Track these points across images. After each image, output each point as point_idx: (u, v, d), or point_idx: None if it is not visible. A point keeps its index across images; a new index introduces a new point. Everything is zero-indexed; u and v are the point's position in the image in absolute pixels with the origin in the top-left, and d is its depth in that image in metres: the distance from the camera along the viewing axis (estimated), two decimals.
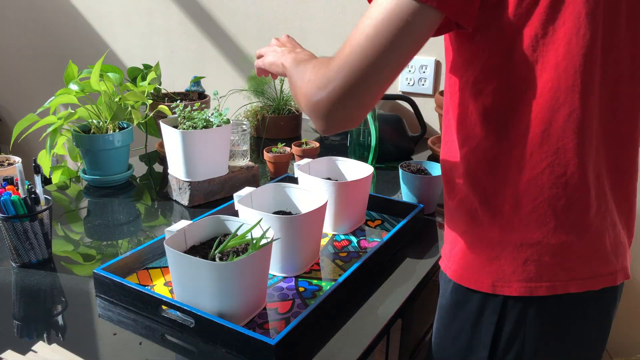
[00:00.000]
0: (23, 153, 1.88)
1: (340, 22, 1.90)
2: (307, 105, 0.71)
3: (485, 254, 0.76)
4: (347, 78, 0.66)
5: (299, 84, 0.75)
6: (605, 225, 0.75)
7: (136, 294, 0.87)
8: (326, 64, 0.70)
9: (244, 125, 1.39)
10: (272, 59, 0.95)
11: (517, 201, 0.72)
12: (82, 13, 2.52)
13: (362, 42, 0.65)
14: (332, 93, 0.67)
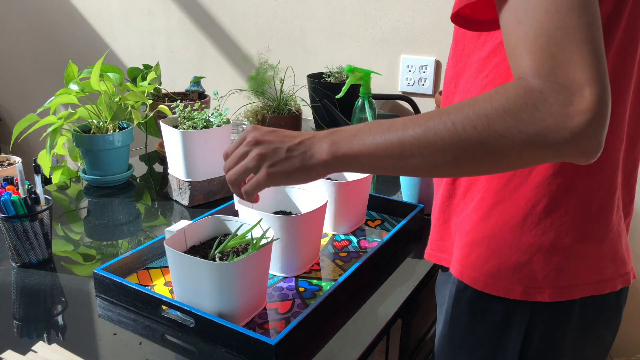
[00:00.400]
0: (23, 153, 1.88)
1: (340, 22, 1.90)
2: (575, 132, 0.54)
3: (514, 259, 0.73)
4: (592, 59, 0.55)
5: (506, 131, 0.56)
6: (621, 226, 0.76)
7: (136, 294, 0.87)
8: (523, 85, 0.56)
9: (244, 125, 1.39)
10: (281, 167, 0.69)
11: (553, 203, 0.71)
12: (82, 13, 2.52)
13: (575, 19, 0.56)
14: (595, 85, 0.54)
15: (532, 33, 0.57)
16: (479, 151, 0.58)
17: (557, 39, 0.55)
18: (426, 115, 0.61)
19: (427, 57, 1.78)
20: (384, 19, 1.80)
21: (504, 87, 0.58)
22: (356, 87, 1.52)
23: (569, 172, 0.70)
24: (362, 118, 1.43)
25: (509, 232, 0.73)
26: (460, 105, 0.59)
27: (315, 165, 0.67)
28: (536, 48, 0.56)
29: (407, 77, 1.82)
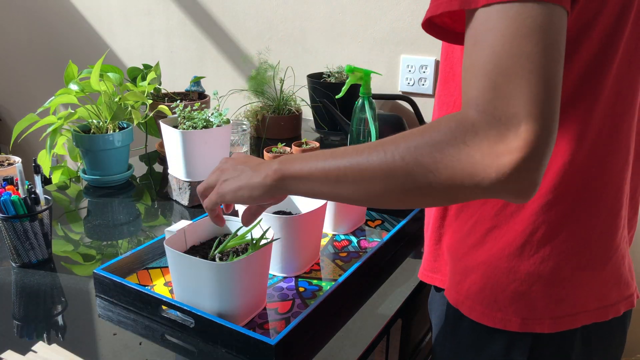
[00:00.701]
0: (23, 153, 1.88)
1: (340, 22, 1.90)
2: (502, 172, 0.51)
3: (511, 289, 0.69)
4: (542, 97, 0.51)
5: (425, 169, 0.54)
6: (624, 246, 0.73)
7: (136, 294, 0.87)
8: (457, 118, 0.53)
9: (244, 125, 1.39)
10: (239, 182, 0.72)
11: (551, 230, 0.67)
12: (82, 13, 2.52)
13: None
14: (534, 124, 0.50)
15: (482, 58, 0.53)
16: (407, 184, 0.55)
17: (505, 67, 0.51)
18: (369, 144, 0.60)
19: (427, 57, 1.78)
20: (384, 19, 1.80)
21: (444, 117, 0.55)
22: (356, 87, 1.52)
23: (570, 199, 0.67)
24: (362, 118, 1.43)
25: (505, 260, 0.69)
26: (400, 136, 0.57)
27: (260, 183, 0.69)
28: (482, 75, 0.52)
29: (407, 77, 1.82)
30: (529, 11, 0.51)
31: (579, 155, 0.65)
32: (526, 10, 0.51)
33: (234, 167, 0.74)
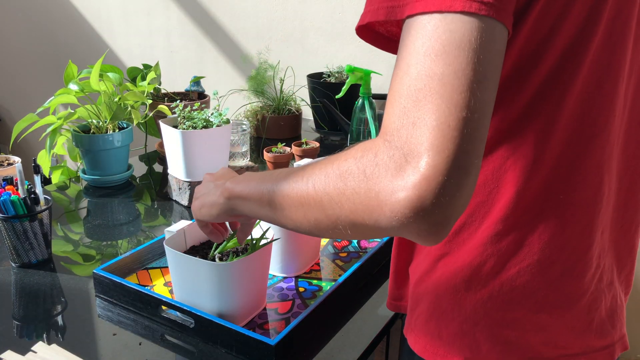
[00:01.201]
0: (23, 153, 1.87)
1: (340, 22, 1.90)
2: (396, 211, 0.46)
3: (455, 325, 0.61)
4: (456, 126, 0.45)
5: (335, 197, 0.50)
6: (601, 288, 0.62)
7: (136, 294, 0.87)
8: (366, 146, 0.49)
9: (244, 125, 1.39)
10: (202, 200, 0.73)
11: (501, 265, 0.59)
12: (82, 13, 2.52)
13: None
14: (441, 159, 0.44)
15: (397, 78, 0.48)
16: (319, 215, 0.52)
17: (415, 89, 0.46)
18: (301, 168, 0.57)
19: None
20: None
21: (360, 143, 0.51)
22: (356, 87, 1.52)
23: (523, 231, 0.58)
24: (362, 118, 1.43)
25: (451, 292, 0.61)
26: (323, 161, 0.54)
27: (215, 201, 0.70)
28: (395, 98, 0.47)
29: None
30: (446, 25, 0.45)
31: (534, 184, 0.57)
32: (444, 24, 0.46)
33: (206, 185, 0.74)
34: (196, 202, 0.75)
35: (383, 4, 0.50)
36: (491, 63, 0.46)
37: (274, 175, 0.60)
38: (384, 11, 0.50)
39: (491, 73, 0.46)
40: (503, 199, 0.58)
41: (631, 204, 0.65)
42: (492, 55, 0.46)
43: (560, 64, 0.54)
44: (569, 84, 0.55)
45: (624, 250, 0.66)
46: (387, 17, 0.50)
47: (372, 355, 0.87)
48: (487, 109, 0.46)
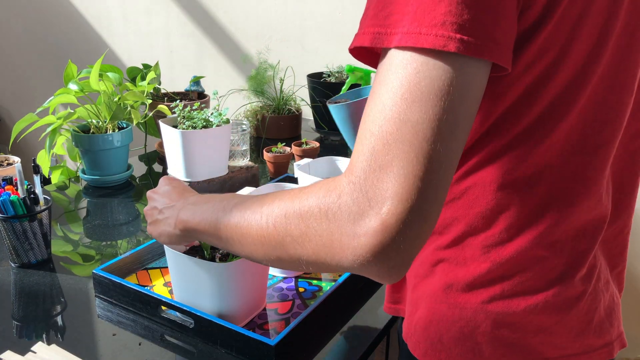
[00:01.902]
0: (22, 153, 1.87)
1: (340, 22, 1.89)
2: (357, 255, 0.46)
3: (456, 328, 0.60)
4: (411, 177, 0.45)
5: (294, 234, 0.51)
6: (599, 288, 0.63)
7: (135, 294, 0.87)
8: (330, 186, 0.49)
9: (244, 125, 1.39)
10: (159, 229, 0.74)
11: (502, 268, 0.59)
12: (82, 13, 2.52)
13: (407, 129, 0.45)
14: (397, 209, 0.44)
15: (371, 115, 0.47)
16: (282, 254, 0.53)
17: (386, 132, 0.45)
18: (255, 199, 0.57)
19: None
20: None
21: (322, 181, 0.51)
22: (356, 87, 1.52)
23: (525, 236, 0.58)
24: None
25: (451, 296, 0.61)
26: (279, 196, 0.54)
27: (172, 232, 0.72)
28: (365, 137, 0.47)
29: None
30: (429, 69, 0.45)
31: (536, 193, 0.57)
32: (427, 67, 0.45)
33: (160, 211, 0.74)
34: (153, 229, 0.76)
35: (369, 29, 0.49)
36: (468, 111, 0.46)
37: (228, 206, 0.60)
38: (369, 37, 0.49)
39: (466, 121, 0.46)
40: (505, 209, 0.57)
41: (623, 206, 0.65)
42: (471, 102, 0.46)
43: (570, 83, 0.54)
44: (576, 100, 0.55)
45: (615, 250, 0.66)
46: (372, 44, 0.48)
47: (372, 355, 0.87)
48: (455, 157, 0.47)
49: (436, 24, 0.44)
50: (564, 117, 0.55)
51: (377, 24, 0.48)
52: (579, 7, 0.51)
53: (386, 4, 0.48)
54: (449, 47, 0.44)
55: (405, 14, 0.46)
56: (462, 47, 0.44)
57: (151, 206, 0.77)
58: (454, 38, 0.44)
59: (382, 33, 0.48)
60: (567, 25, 0.51)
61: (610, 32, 0.54)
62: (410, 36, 0.45)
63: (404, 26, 0.46)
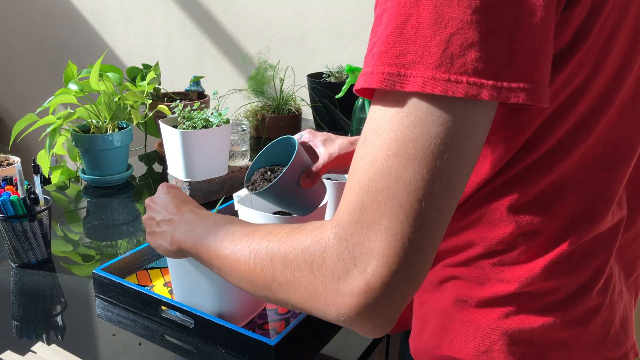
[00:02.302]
0: (22, 153, 1.87)
1: (340, 22, 1.89)
2: (341, 313, 0.46)
3: (471, 347, 0.58)
4: (398, 235, 0.43)
5: (283, 278, 0.50)
6: (615, 299, 0.61)
7: (135, 294, 0.87)
8: (316, 235, 0.47)
9: (244, 125, 1.38)
10: (156, 241, 0.74)
11: (519, 286, 0.57)
12: (82, 13, 2.52)
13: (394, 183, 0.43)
14: (381, 268, 0.43)
15: (362, 166, 0.44)
16: (269, 295, 0.52)
17: (377, 188, 0.43)
18: (243, 230, 0.57)
19: None
20: None
21: (309, 226, 0.49)
22: None
23: (544, 257, 0.57)
24: (362, 118, 1.43)
25: (465, 313, 0.58)
26: (267, 235, 0.53)
27: (168, 249, 0.72)
28: (355, 189, 0.45)
29: None
30: (427, 125, 0.41)
31: (557, 214, 0.56)
32: (426, 122, 0.41)
33: (158, 223, 0.74)
34: (151, 239, 0.76)
35: (379, 69, 0.43)
36: (467, 167, 0.44)
37: (220, 235, 0.60)
38: (379, 77, 0.43)
39: (463, 177, 0.44)
40: (524, 232, 0.55)
41: (638, 212, 0.63)
42: (471, 156, 0.43)
43: (594, 106, 0.52)
44: (598, 122, 0.53)
45: (631, 257, 0.64)
46: (383, 85, 0.43)
47: (372, 355, 0.87)
48: (448, 216, 0.44)
49: (467, 70, 0.40)
50: (586, 138, 0.53)
51: (389, 62, 0.43)
52: (607, 30, 0.49)
53: (397, 41, 0.42)
54: (482, 95, 0.40)
55: (425, 55, 0.41)
56: (495, 94, 0.40)
57: (149, 216, 0.77)
58: (487, 85, 0.40)
59: (394, 74, 0.42)
60: (595, 50, 0.49)
61: (636, 52, 0.53)
62: (437, 83, 0.41)
63: (425, 69, 0.41)
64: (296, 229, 0.51)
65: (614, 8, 0.48)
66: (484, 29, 0.40)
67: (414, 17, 0.41)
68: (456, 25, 0.40)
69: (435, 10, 0.41)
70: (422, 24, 0.41)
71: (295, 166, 0.80)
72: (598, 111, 0.53)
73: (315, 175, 0.82)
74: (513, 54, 0.41)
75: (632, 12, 0.50)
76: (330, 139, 0.90)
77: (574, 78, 0.50)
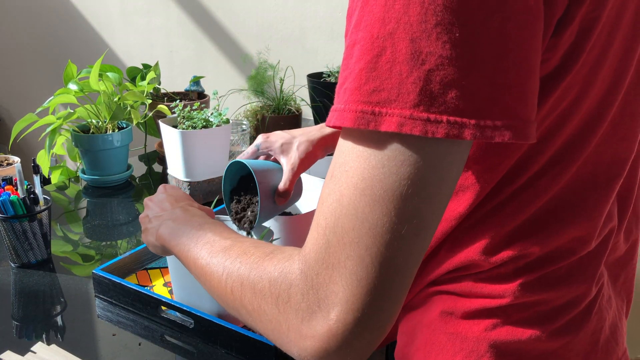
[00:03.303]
0: (22, 153, 1.87)
1: (340, 21, 1.89)
2: (302, 355, 0.45)
3: (459, 358, 0.56)
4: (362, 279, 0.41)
5: (256, 301, 0.48)
6: (604, 305, 0.60)
7: (135, 294, 0.87)
8: (284, 267, 0.46)
9: (244, 125, 1.38)
10: (146, 237, 0.73)
11: (508, 297, 0.55)
12: (82, 12, 2.52)
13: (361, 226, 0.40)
14: (345, 316, 0.41)
15: (328, 202, 0.42)
16: (238, 315, 0.52)
17: (342, 228, 0.41)
18: (221, 242, 0.56)
19: None
20: None
21: (281, 255, 0.47)
22: None
23: (534, 273, 0.55)
24: None
25: (452, 324, 0.56)
26: (242, 253, 0.52)
27: (153, 244, 0.72)
28: (321, 226, 0.43)
29: None
30: (397, 165, 0.39)
31: (553, 238, 0.55)
32: (395, 161, 0.39)
33: (150, 219, 0.74)
34: (144, 236, 0.75)
35: (352, 106, 0.40)
36: (439, 206, 0.41)
37: (201, 241, 0.60)
38: (351, 116, 0.40)
39: (433, 221, 0.41)
40: (515, 252, 0.54)
41: (625, 218, 0.62)
42: (443, 195, 0.41)
43: (585, 125, 0.51)
44: (588, 142, 0.52)
45: (618, 263, 0.63)
46: (356, 125, 0.40)
47: (372, 356, 0.87)
48: (417, 261, 0.42)
49: (447, 109, 0.37)
50: (576, 157, 0.52)
51: (361, 99, 0.40)
52: (597, 50, 0.47)
53: (370, 77, 0.39)
54: (464, 135, 0.38)
55: (401, 92, 0.38)
56: (478, 134, 0.38)
57: (144, 214, 0.78)
58: (468, 124, 0.38)
59: (367, 112, 0.39)
60: (585, 71, 0.47)
61: (627, 69, 0.51)
62: (415, 123, 0.38)
63: (402, 107, 0.38)
64: (268, 255, 0.49)
65: (604, 27, 0.46)
66: (465, 64, 0.37)
67: (388, 50, 0.38)
68: (435, 60, 0.37)
69: (411, 45, 0.38)
70: (398, 59, 0.38)
71: (265, 195, 0.82)
72: (587, 131, 0.51)
73: (286, 193, 0.83)
74: (497, 89, 0.38)
75: (622, 31, 0.49)
76: (287, 142, 0.88)
77: (562, 101, 0.48)
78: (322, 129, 0.90)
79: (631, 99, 0.54)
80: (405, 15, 0.38)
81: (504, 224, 0.53)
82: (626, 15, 0.49)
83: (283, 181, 0.84)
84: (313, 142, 0.87)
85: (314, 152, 0.87)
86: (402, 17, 0.38)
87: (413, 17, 0.37)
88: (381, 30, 0.39)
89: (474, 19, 0.37)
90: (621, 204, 0.60)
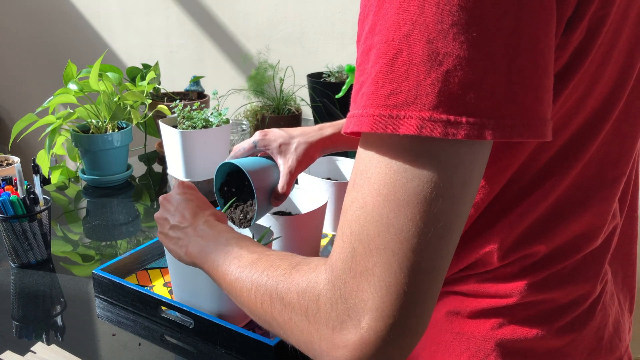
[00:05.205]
0: (22, 153, 1.87)
1: (340, 21, 1.89)
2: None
3: (466, 357, 0.56)
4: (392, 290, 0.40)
5: (291, 318, 0.48)
6: (607, 302, 0.60)
7: (135, 294, 0.87)
8: (310, 279, 0.46)
9: (244, 125, 1.38)
10: (170, 246, 0.72)
11: (513, 297, 0.55)
12: (82, 12, 2.52)
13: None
14: (376, 324, 0.41)
15: (352, 210, 0.42)
16: (269, 328, 0.52)
17: (368, 235, 0.40)
18: (249, 256, 0.56)
19: None
20: None
21: (308, 265, 0.47)
22: None
23: (540, 272, 0.56)
24: None
25: (458, 324, 0.57)
26: (269, 266, 0.52)
27: (181, 257, 0.70)
28: (347, 234, 0.42)
29: None
30: (419, 168, 0.39)
31: (558, 233, 0.55)
32: (417, 165, 0.39)
33: (172, 227, 0.72)
34: (164, 239, 0.73)
35: (369, 110, 0.40)
36: (464, 208, 0.41)
37: (229, 257, 0.59)
38: (369, 121, 0.40)
39: (459, 223, 0.41)
40: (522, 253, 0.54)
41: (629, 215, 0.63)
42: (468, 196, 0.41)
43: (589, 122, 0.51)
44: (594, 138, 0.53)
45: (621, 259, 0.64)
46: (374, 129, 0.40)
47: None
48: (445, 264, 0.42)
49: (467, 110, 0.37)
50: (581, 156, 0.52)
51: (379, 103, 0.39)
52: (604, 48, 0.48)
53: (387, 79, 0.39)
54: (484, 135, 0.37)
55: (419, 94, 0.38)
56: (498, 134, 0.38)
57: (163, 216, 0.74)
58: (488, 125, 0.37)
59: (385, 116, 0.39)
60: (592, 69, 0.48)
61: (632, 67, 0.52)
62: (435, 125, 0.37)
63: (420, 109, 0.38)
64: (295, 267, 0.49)
65: (611, 26, 0.47)
66: (483, 64, 0.37)
67: (404, 52, 0.38)
68: (452, 61, 0.37)
69: (428, 45, 0.37)
70: (414, 61, 0.38)
71: (262, 195, 0.83)
72: (593, 129, 0.52)
73: (283, 196, 0.83)
74: (514, 89, 0.38)
75: (627, 29, 0.50)
76: (285, 142, 0.86)
77: (569, 99, 0.48)
78: (320, 130, 0.89)
79: (636, 97, 0.55)
80: (421, 16, 0.38)
81: (513, 224, 0.53)
82: (631, 14, 0.50)
83: (281, 184, 0.84)
84: (311, 144, 0.87)
85: (311, 155, 0.87)
86: (417, 18, 0.38)
87: (429, 18, 0.37)
88: (396, 33, 0.39)
89: (489, 19, 0.37)
90: (621, 201, 0.60)
